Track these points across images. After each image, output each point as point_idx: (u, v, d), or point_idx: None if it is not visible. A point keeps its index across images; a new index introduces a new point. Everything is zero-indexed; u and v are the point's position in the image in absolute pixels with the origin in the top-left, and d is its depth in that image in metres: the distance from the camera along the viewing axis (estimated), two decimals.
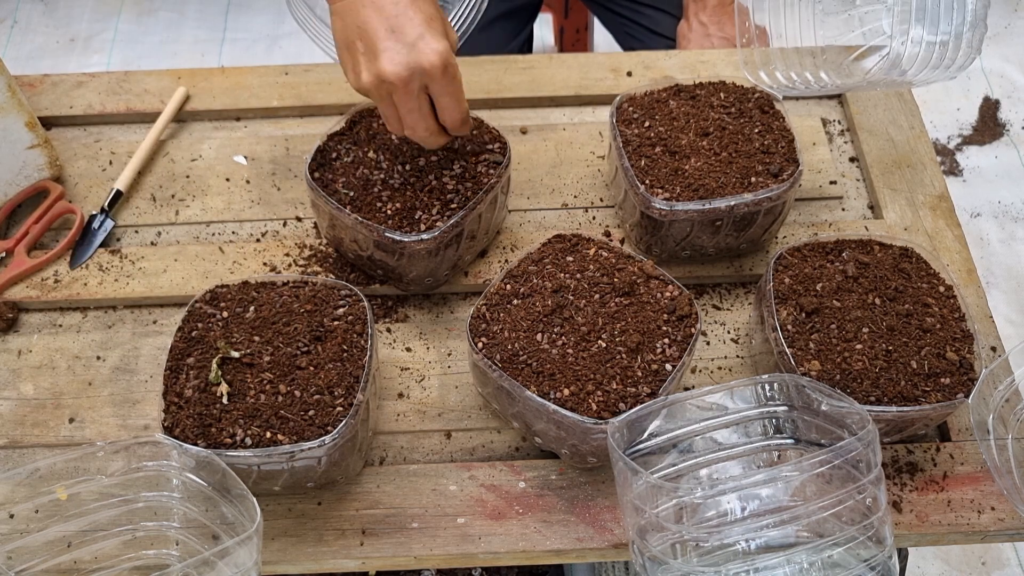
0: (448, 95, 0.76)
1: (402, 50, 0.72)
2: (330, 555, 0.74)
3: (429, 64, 0.73)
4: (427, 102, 0.76)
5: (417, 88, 0.74)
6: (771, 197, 0.82)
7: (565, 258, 0.80)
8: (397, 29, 0.73)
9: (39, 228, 0.92)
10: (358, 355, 0.74)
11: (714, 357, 0.85)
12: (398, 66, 0.72)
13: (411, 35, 0.72)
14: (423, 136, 0.79)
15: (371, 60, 0.73)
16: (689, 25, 1.24)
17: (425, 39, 0.73)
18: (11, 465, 0.79)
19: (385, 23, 0.73)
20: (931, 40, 0.79)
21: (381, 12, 0.73)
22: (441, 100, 0.76)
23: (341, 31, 0.76)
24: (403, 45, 0.72)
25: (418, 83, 0.74)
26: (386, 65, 0.72)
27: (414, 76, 0.73)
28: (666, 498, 0.64)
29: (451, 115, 0.77)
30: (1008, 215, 1.86)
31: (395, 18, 0.73)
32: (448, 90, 0.75)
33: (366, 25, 0.73)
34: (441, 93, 0.75)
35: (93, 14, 2.25)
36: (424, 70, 0.73)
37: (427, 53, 0.72)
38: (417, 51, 0.72)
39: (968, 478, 0.77)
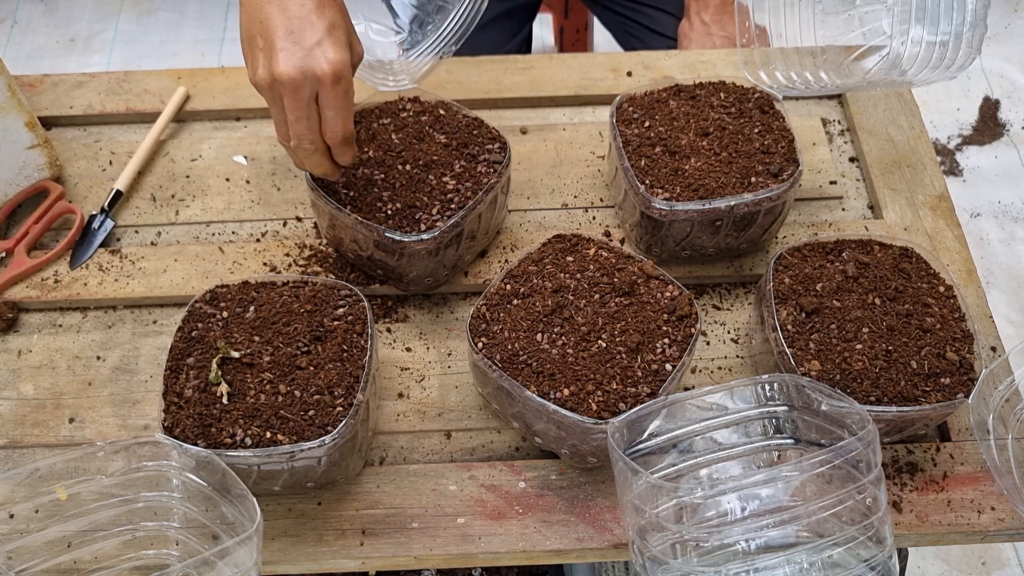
0: (334, 108, 0.74)
1: (297, 53, 0.71)
2: (330, 555, 0.74)
3: (321, 72, 0.71)
4: (316, 114, 0.75)
5: (307, 95, 0.73)
6: (771, 197, 0.82)
7: (565, 258, 0.80)
8: (296, 31, 0.72)
9: (39, 228, 0.92)
10: (358, 355, 0.74)
11: (714, 357, 0.85)
12: (291, 68, 0.71)
13: (309, 40, 0.72)
14: (308, 148, 0.76)
15: (267, 58, 0.73)
16: (691, 24, 1.24)
17: (323, 46, 0.72)
18: (11, 465, 0.79)
19: (286, 23, 0.72)
20: (931, 40, 0.79)
21: (284, 12, 0.72)
22: (327, 113, 0.74)
23: (245, 24, 0.75)
24: (299, 48, 0.72)
25: (309, 90, 0.72)
26: (280, 66, 0.71)
27: (306, 81, 0.72)
28: (666, 498, 0.64)
29: (333, 130, 0.75)
30: (1008, 215, 1.86)
31: (297, 20, 0.72)
32: (335, 103, 0.74)
33: (267, 22, 0.73)
34: (328, 105, 0.74)
35: (93, 14, 2.25)
36: (316, 77, 0.72)
37: (321, 61, 0.71)
38: (312, 57, 0.71)
39: (968, 478, 0.77)
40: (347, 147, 0.78)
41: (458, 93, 1.03)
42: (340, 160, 0.79)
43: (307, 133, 0.75)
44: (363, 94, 1.01)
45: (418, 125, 0.89)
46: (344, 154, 0.78)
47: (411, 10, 1.00)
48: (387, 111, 0.90)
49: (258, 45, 0.74)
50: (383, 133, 0.88)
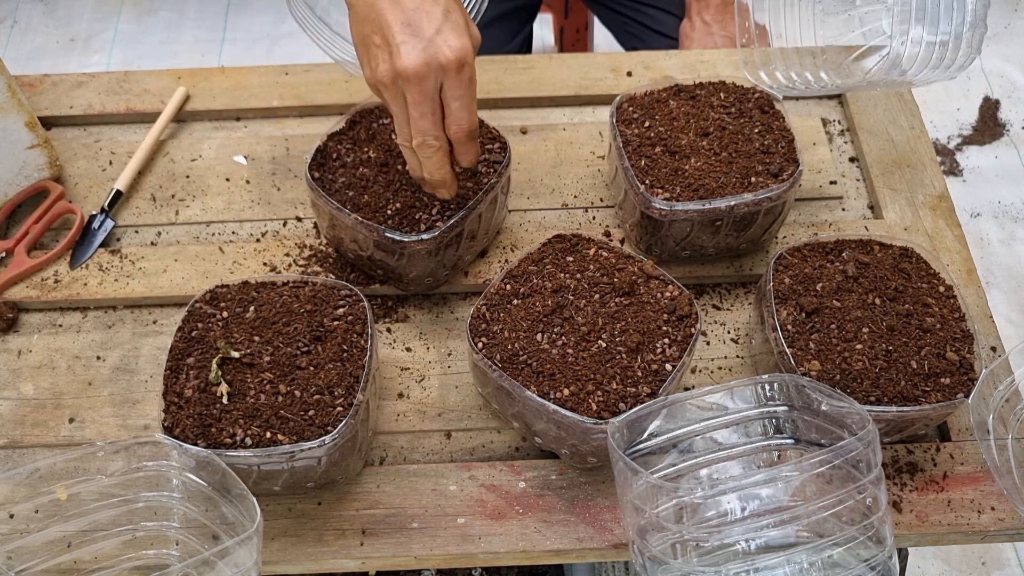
0: (460, 98, 0.72)
1: (419, 44, 0.70)
2: (330, 555, 0.74)
3: (446, 60, 0.70)
4: (440, 109, 0.73)
5: (432, 87, 0.71)
6: (771, 197, 0.82)
7: (565, 258, 0.80)
8: (414, 23, 0.70)
9: (39, 228, 0.92)
10: (358, 355, 0.74)
11: (714, 357, 0.85)
12: (415, 60, 0.69)
13: (429, 30, 0.70)
14: (432, 146, 0.74)
15: (387, 55, 0.71)
16: (692, 24, 1.24)
17: (443, 34, 0.70)
18: (11, 465, 0.79)
19: (403, 16, 0.70)
20: (931, 40, 0.79)
21: (398, 5, 0.70)
22: (452, 104, 0.72)
23: (357, 25, 0.74)
24: (420, 39, 0.70)
25: (434, 80, 0.70)
26: (403, 59, 0.70)
27: (431, 71, 0.70)
28: (666, 498, 0.64)
29: (459, 123, 0.73)
30: (1008, 215, 1.86)
31: (413, 12, 0.70)
32: (461, 92, 0.72)
33: (382, 18, 0.71)
34: (454, 95, 0.72)
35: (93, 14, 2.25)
36: (441, 65, 0.70)
37: (444, 49, 0.70)
38: (435, 46, 0.70)
39: (968, 478, 0.77)
40: (471, 143, 0.75)
41: None
42: (463, 159, 0.77)
43: (432, 129, 0.73)
44: (363, 94, 1.02)
45: None
46: (468, 151, 0.76)
47: None
48: (387, 111, 0.90)
49: (375, 43, 0.72)
50: (383, 133, 0.88)
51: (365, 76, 0.74)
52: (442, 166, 0.76)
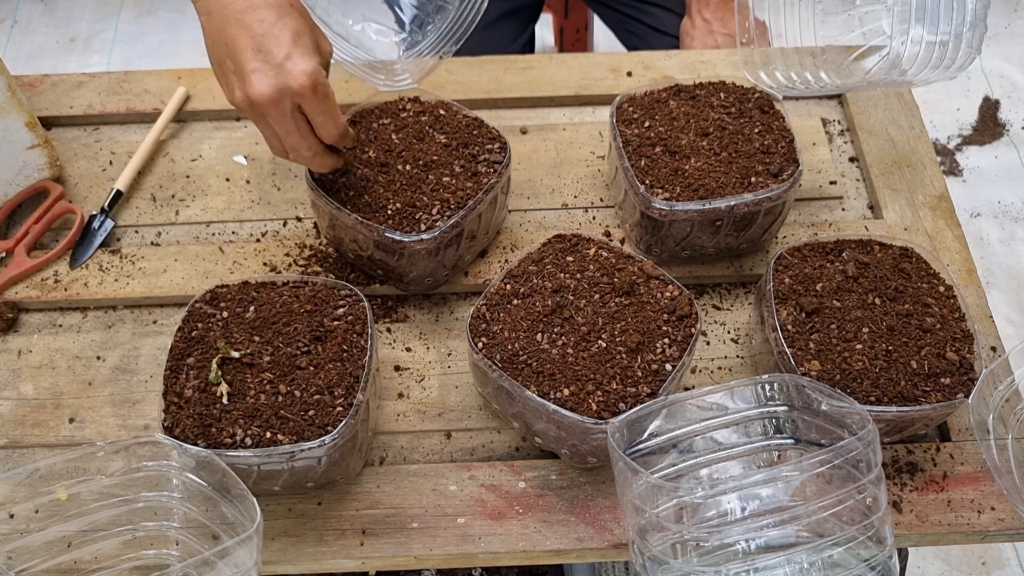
0: (321, 113, 0.74)
1: (269, 72, 0.70)
2: (330, 555, 0.74)
3: (298, 86, 0.71)
4: (304, 121, 0.74)
5: (289, 108, 0.72)
6: (771, 197, 0.82)
7: (565, 258, 0.80)
8: (264, 49, 0.70)
9: (39, 228, 0.92)
10: (358, 355, 0.74)
11: (714, 357, 0.85)
12: (266, 88, 0.70)
13: (278, 55, 0.70)
14: (307, 157, 0.77)
15: (240, 81, 0.72)
16: (692, 22, 1.24)
17: (292, 59, 0.71)
18: (11, 465, 0.79)
19: (252, 42, 0.71)
20: (931, 40, 0.79)
21: (248, 31, 0.71)
22: (316, 119, 0.74)
23: (211, 47, 0.74)
24: (270, 66, 0.70)
25: (289, 104, 0.72)
26: (255, 87, 0.70)
27: (284, 97, 0.71)
28: (666, 498, 0.64)
29: (327, 132, 0.76)
30: (1008, 215, 1.86)
31: (261, 37, 0.71)
32: (320, 108, 0.73)
33: (233, 44, 0.71)
34: (314, 112, 0.73)
35: (93, 14, 2.25)
36: (293, 91, 0.71)
37: (295, 74, 0.70)
38: (285, 72, 0.70)
39: (968, 478, 0.77)
40: (344, 138, 0.79)
41: (458, 93, 1.03)
42: (344, 146, 0.80)
43: (301, 142, 0.75)
44: (363, 94, 1.01)
45: (418, 125, 0.89)
46: (344, 143, 0.80)
47: (411, 10, 1.00)
48: (387, 111, 0.90)
49: (229, 68, 0.73)
50: (383, 133, 0.88)
51: (227, 96, 0.75)
52: (324, 163, 0.79)
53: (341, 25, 0.93)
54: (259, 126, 0.75)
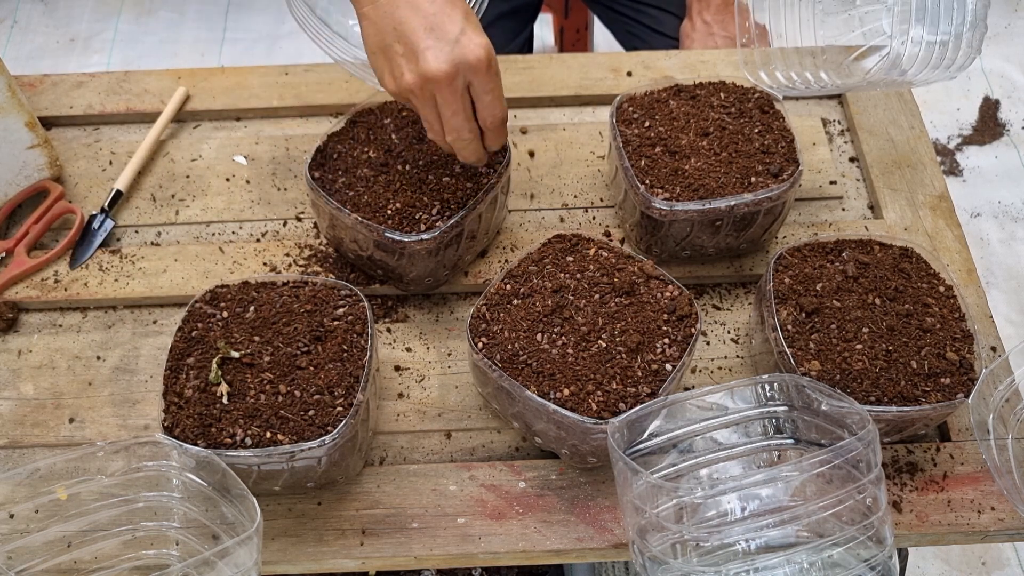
0: (490, 92, 0.74)
1: (445, 47, 0.71)
2: (330, 555, 0.74)
3: (475, 59, 0.71)
4: (470, 103, 0.75)
5: (462, 86, 0.73)
6: (771, 197, 0.82)
7: (565, 258, 0.80)
8: (437, 27, 0.71)
9: (39, 228, 0.92)
10: (358, 355, 0.74)
11: (714, 357, 0.85)
12: (443, 63, 0.71)
13: (452, 32, 0.71)
14: (467, 139, 0.77)
15: (413, 60, 0.72)
16: (692, 24, 1.24)
17: (467, 34, 0.71)
18: (11, 465, 0.79)
19: (424, 22, 0.71)
20: (931, 40, 0.79)
21: (418, 11, 0.72)
22: (484, 98, 0.74)
23: (375, 35, 0.74)
24: (445, 43, 0.71)
25: (463, 80, 0.72)
26: (431, 63, 0.71)
27: (459, 72, 0.72)
28: (666, 498, 0.64)
29: (492, 113, 0.76)
30: (1008, 215, 1.86)
31: (434, 16, 0.71)
32: (491, 86, 0.74)
33: (403, 26, 0.72)
34: (484, 90, 0.74)
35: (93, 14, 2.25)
36: (470, 65, 0.71)
37: (471, 48, 0.71)
38: (461, 46, 0.71)
39: (968, 478, 0.77)
40: (502, 129, 0.78)
41: None
42: (492, 144, 0.79)
43: (465, 124, 0.75)
44: (363, 94, 1.02)
45: (418, 125, 0.89)
46: (499, 137, 0.79)
47: None
48: (387, 111, 0.90)
49: (397, 51, 0.73)
50: (383, 133, 0.88)
51: (387, 85, 0.75)
52: (476, 151, 0.79)
53: (341, 25, 0.92)
54: (424, 109, 0.75)
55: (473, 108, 0.76)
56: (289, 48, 2.18)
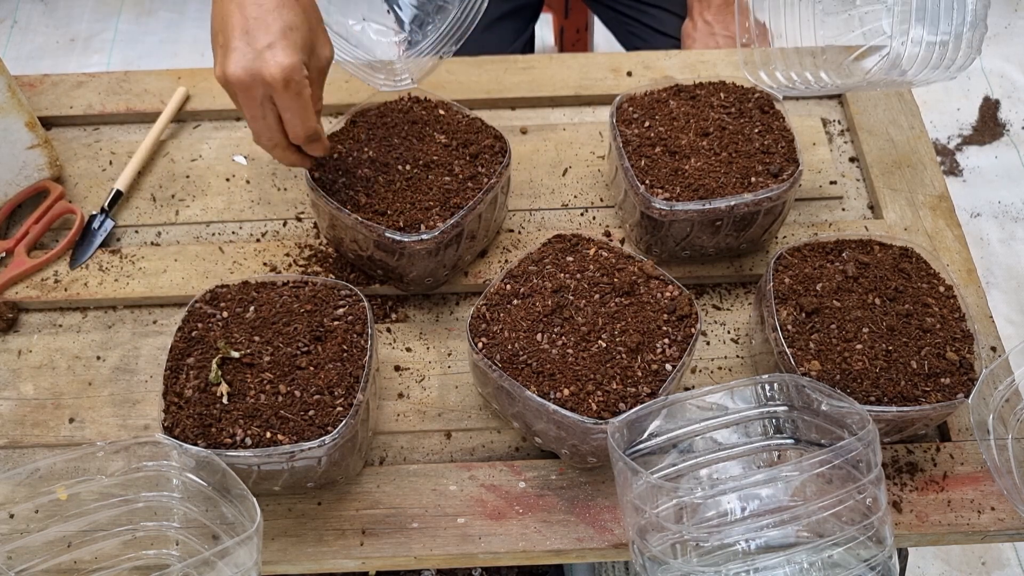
0: (291, 111, 0.74)
1: (248, 54, 0.71)
2: (330, 555, 0.74)
3: (270, 76, 0.71)
4: (272, 112, 0.75)
5: (260, 95, 0.73)
6: (771, 197, 0.82)
7: (565, 258, 0.80)
8: (250, 32, 0.72)
9: (39, 228, 0.92)
10: (358, 355, 0.74)
11: (714, 357, 0.85)
12: (239, 70, 0.71)
13: (261, 42, 0.71)
14: (267, 147, 0.78)
15: (222, 57, 0.73)
16: (694, 25, 1.24)
17: (274, 49, 0.71)
18: (11, 465, 0.79)
19: (243, 23, 0.72)
20: (931, 40, 0.79)
21: (242, 11, 0.72)
22: (284, 114, 0.75)
23: (212, 20, 0.75)
24: (250, 50, 0.71)
25: (260, 92, 0.72)
26: (230, 66, 0.72)
27: (255, 83, 0.72)
28: (666, 498, 0.64)
29: (293, 131, 0.76)
30: (1008, 215, 1.86)
31: (252, 20, 0.72)
32: (291, 105, 0.73)
33: (226, 20, 0.73)
34: (284, 108, 0.74)
35: (93, 14, 2.25)
36: (265, 80, 0.71)
37: (270, 64, 0.71)
38: (262, 59, 0.71)
39: (968, 478, 0.77)
40: (314, 143, 0.78)
41: (458, 93, 1.03)
42: (311, 153, 0.80)
43: (264, 131, 0.76)
44: (363, 94, 1.01)
45: (418, 125, 0.89)
46: (313, 150, 0.79)
47: (411, 10, 1.00)
48: (387, 111, 0.90)
49: (218, 42, 0.74)
50: (383, 133, 0.88)
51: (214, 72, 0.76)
52: (285, 157, 0.79)
53: (341, 25, 0.93)
54: (233, 102, 0.76)
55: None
56: None
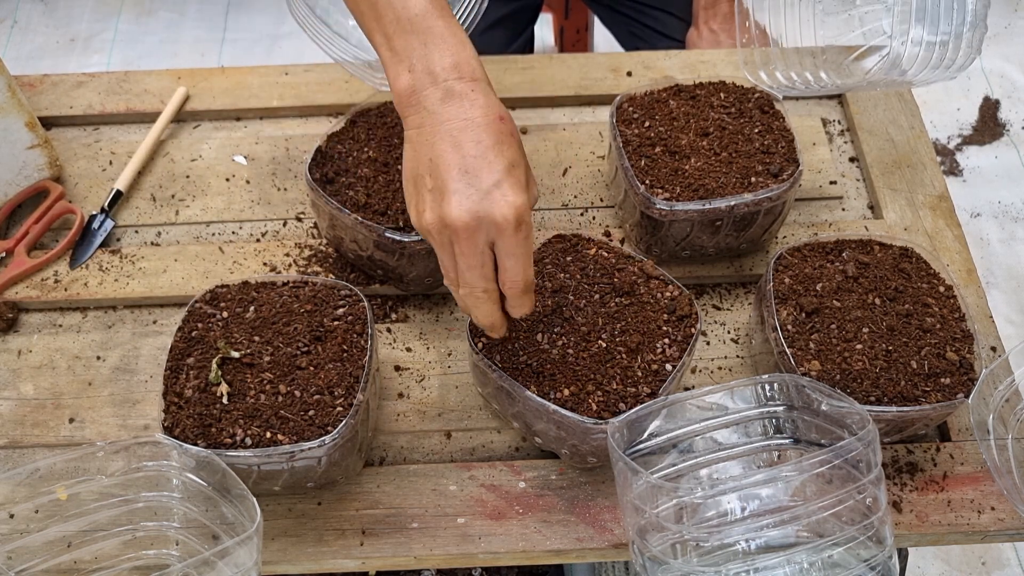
0: (514, 256, 0.65)
1: (473, 195, 0.63)
2: (330, 555, 0.74)
3: (502, 217, 0.63)
4: (491, 261, 0.66)
5: (483, 241, 0.64)
6: (771, 197, 0.82)
7: (565, 258, 0.80)
8: (472, 171, 0.63)
9: (39, 228, 0.92)
10: (358, 355, 0.74)
11: (714, 357, 0.85)
12: (465, 212, 0.63)
13: (487, 181, 0.63)
14: (480, 298, 0.68)
15: (437, 200, 0.64)
16: (699, 33, 1.23)
17: (502, 188, 0.63)
18: (11, 465, 0.79)
19: (461, 162, 0.64)
20: (931, 40, 0.79)
21: (459, 150, 0.64)
22: (506, 261, 0.65)
23: (411, 161, 0.67)
24: (476, 190, 0.63)
25: (484, 236, 0.64)
26: (453, 209, 0.63)
27: (481, 227, 0.63)
28: (666, 498, 0.64)
29: (512, 280, 0.66)
30: (1008, 215, 1.86)
31: (473, 159, 0.64)
32: (516, 250, 0.64)
33: (439, 160, 0.64)
34: (508, 253, 0.65)
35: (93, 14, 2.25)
36: (495, 222, 0.63)
37: (501, 204, 0.63)
38: (491, 199, 0.63)
39: (968, 478, 0.77)
40: (526, 296, 0.68)
41: None
42: (515, 311, 0.69)
43: (480, 282, 0.66)
44: (363, 94, 1.02)
45: None
46: (522, 304, 0.68)
47: None
48: (387, 111, 0.90)
49: (426, 185, 0.65)
50: (383, 133, 0.88)
51: (411, 217, 0.68)
52: (491, 314, 0.69)
53: (341, 25, 0.93)
54: (440, 252, 0.67)
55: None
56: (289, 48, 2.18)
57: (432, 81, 0.66)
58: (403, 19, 0.67)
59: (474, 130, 0.65)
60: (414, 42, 0.67)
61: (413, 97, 0.67)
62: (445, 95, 0.65)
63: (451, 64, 0.66)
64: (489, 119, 0.65)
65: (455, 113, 0.65)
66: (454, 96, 0.65)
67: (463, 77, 0.66)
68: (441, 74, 0.66)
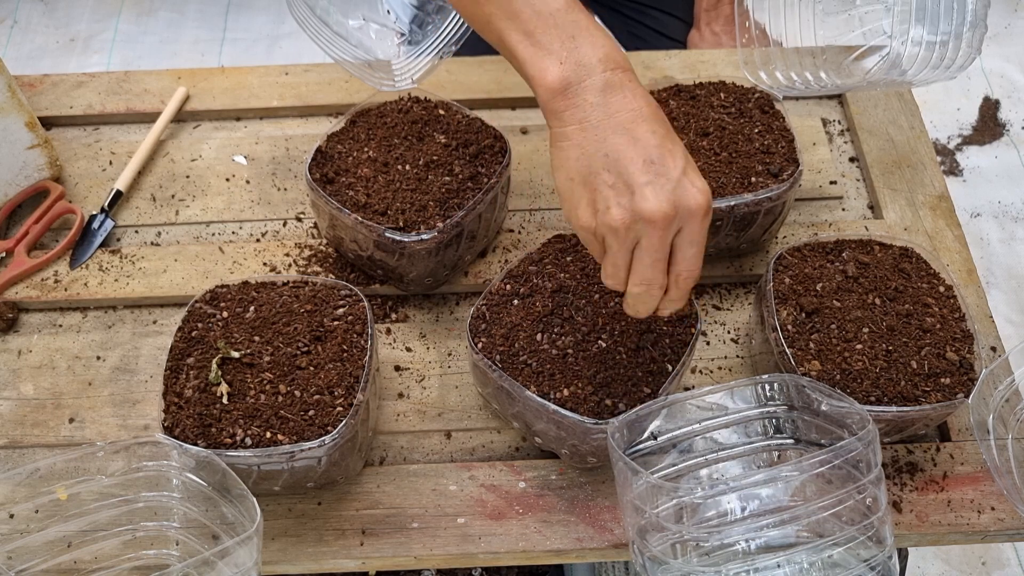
0: (697, 244, 0.64)
1: (667, 185, 0.61)
2: (330, 555, 0.74)
3: (695, 203, 0.62)
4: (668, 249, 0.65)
5: (673, 232, 0.63)
6: (771, 197, 0.82)
7: (565, 258, 0.80)
8: (658, 162, 0.62)
9: (39, 228, 0.92)
10: (358, 355, 0.74)
11: (714, 357, 0.85)
12: (664, 203, 0.61)
13: (674, 170, 0.62)
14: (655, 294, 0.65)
15: (625, 195, 0.62)
16: (701, 35, 1.23)
17: (689, 175, 0.63)
18: (11, 465, 0.79)
19: (643, 153, 0.62)
20: (931, 40, 0.79)
21: (637, 142, 0.62)
22: (688, 250, 0.64)
23: (578, 160, 0.64)
24: (667, 180, 0.62)
25: (676, 226, 0.63)
26: (649, 201, 0.61)
27: (677, 216, 0.62)
28: (666, 498, 0.64)
29: (690, 268, 0.65)
30: (1008, 215, 1.86)
31: (656, 149, 0.62)
32: (700, 239, 0.64)
33: (618, 154, 0.62)
34: (692, 241, 0.64)
35: (93, 14, 2.25)
36: (689, 209, 0.62)
37: (692, 191, 0.62)
38: (683, 188, 0.62)
39: (968, 478, 0.77)
40: (688, 290, 0.67)
41: (458, 93, 1.03)
42: (672, 305, 0.67)
43: (659, 277, 0.65)
44: (363, 94, 1.01)
45: (418, 125, 0.89)
46: (682, 297, 0.67)
47: (411, 10, 1.00)
48: (387, 111, 0.90)
49: (606, 181, 0.63)
50: (383, 133, 0.88)
51: (579, 217, 0.65)
52: (651, 307, 0.68)
53: (341, 25, 0.93)
54: (617, 251, 0.64)
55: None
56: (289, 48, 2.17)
57: (587, 73, 0.64)
58: (544, 14, 0.65)
59: (646, 121, 0.63)
60: (561, 35, 0.65)
61: (569, 90, 0.64)
62: (605, 86, 0.64)
63: (604, 55, 0.64)
64: (653, 108, 0.64)
65: (622, 104, 0.63)
66: (614, 87, 0.64)
67: (617, 68, 0.64)
68: (597, 66, 0.64)
